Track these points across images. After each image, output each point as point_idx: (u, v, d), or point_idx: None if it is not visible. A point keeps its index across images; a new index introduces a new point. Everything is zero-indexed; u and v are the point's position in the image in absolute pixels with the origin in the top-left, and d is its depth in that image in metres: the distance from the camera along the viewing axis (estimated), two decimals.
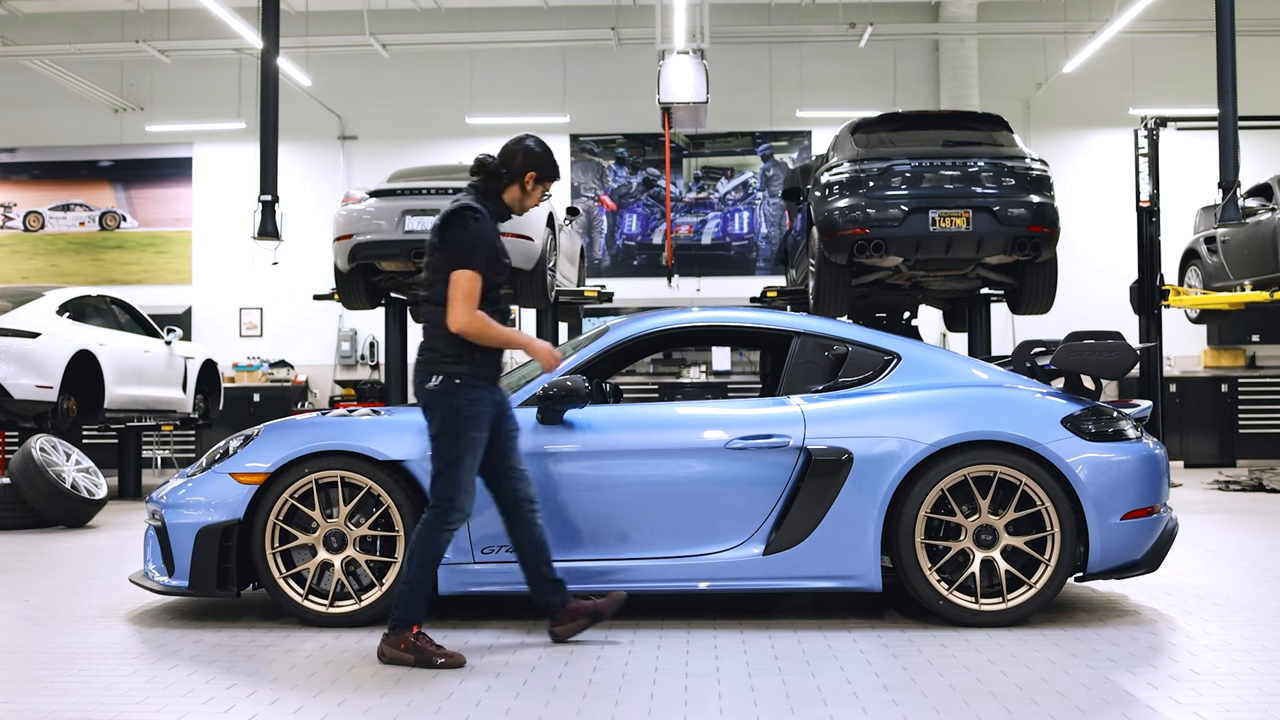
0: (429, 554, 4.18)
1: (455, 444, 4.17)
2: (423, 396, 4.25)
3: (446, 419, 4.18)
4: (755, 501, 4.72)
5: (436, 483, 4.20)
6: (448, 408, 4.18)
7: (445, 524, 4.18)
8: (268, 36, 11.35)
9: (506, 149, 4.43)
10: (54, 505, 8.76)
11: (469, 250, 4.19)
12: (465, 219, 4.22)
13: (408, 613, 4.16)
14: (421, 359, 4.28)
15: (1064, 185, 12.34)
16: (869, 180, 8.91)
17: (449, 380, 4.19)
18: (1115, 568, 4.77)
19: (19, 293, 10.47)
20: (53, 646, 4.53)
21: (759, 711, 3.53)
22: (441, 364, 4.21)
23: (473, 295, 4.16)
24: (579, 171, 18.15)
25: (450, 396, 4.18)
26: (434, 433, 4.22)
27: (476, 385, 4.22)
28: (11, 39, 16.85)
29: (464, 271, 4.16)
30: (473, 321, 4.16)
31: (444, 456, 4.18)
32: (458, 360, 4.20)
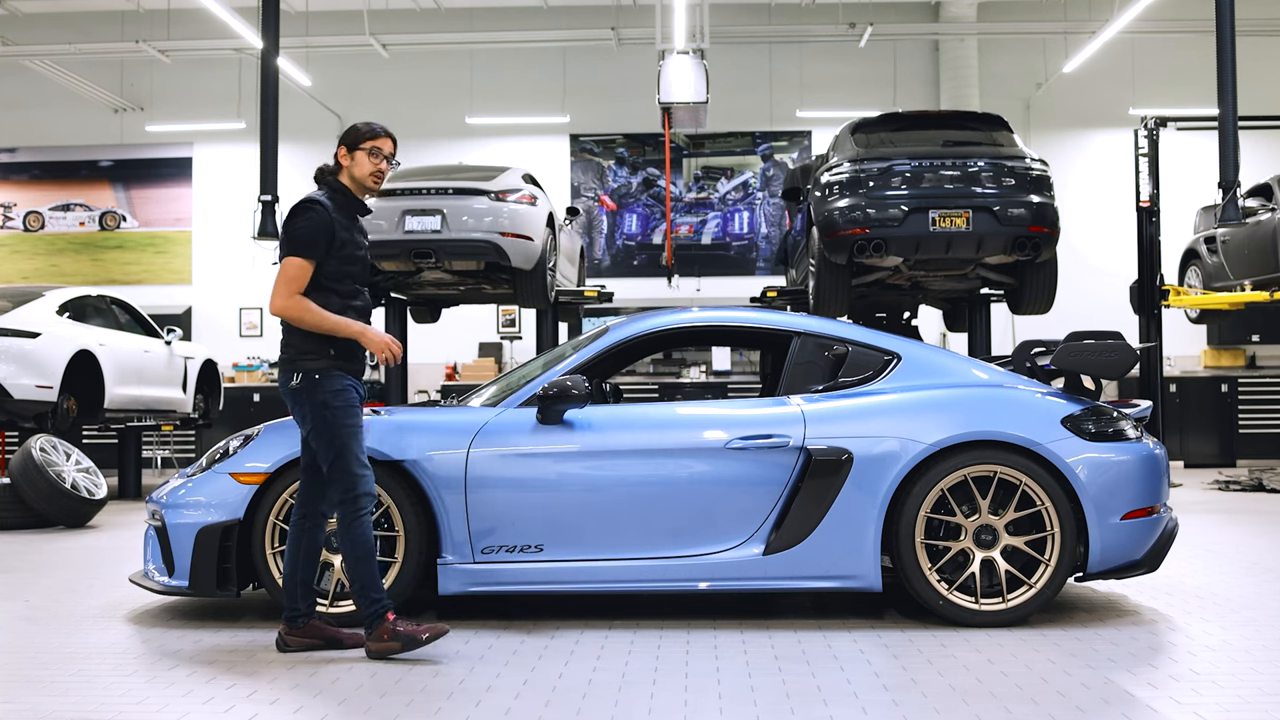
0: (358, 550, 4.20)
1: (335, 436, 4.20)
2: (288, 397, 4.28)
3: (318, 415, 4.21)
4: (755, 501, 4.72)
5: (333, 478, 4.22)
6: (315, 404, 4.22)
7: (358, 514, 4.20)
8: (268, 36, 11.35)
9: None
10: (54, 505, 8.76)
11: (296, 240, 4.24)
12: (300, 212, 4.28)
13: (373, 606, 4.19)
14: (281, 357, 4.33)
15: (1064, 185, 12.34)
16: (869, 180, 8.91)
17: (309, 376, 4.23)
18: (1115, 568, 4.77)
19: (19, 293, 10.46)
20: (53, 646, 4.53)
21: (759, 711, 3.53)
22: (300, 360, 4.25)
23: (295, 281, 4.21)
24: (579, 171, 18.16)
25: (314, 392, 4.22)
26: (309, 430, 4.24)
27: (337, 375, 4.25)
28: (11, 39, 16.85)
29: (290, 259, 4.24)
30: (289, 306, 4.21)
31: (328, 450, 4.21)
32: (315, 356, 4.24)
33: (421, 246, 9.76)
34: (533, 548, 4.75)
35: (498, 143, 17.70)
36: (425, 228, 9.74)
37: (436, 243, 9.74)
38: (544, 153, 17.80)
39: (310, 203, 4.30)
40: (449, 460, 4.76)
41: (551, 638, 4.57)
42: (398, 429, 4.86)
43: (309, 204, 4.30)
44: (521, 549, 4.76)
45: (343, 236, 4.33)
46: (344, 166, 4.42)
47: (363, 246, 4.47)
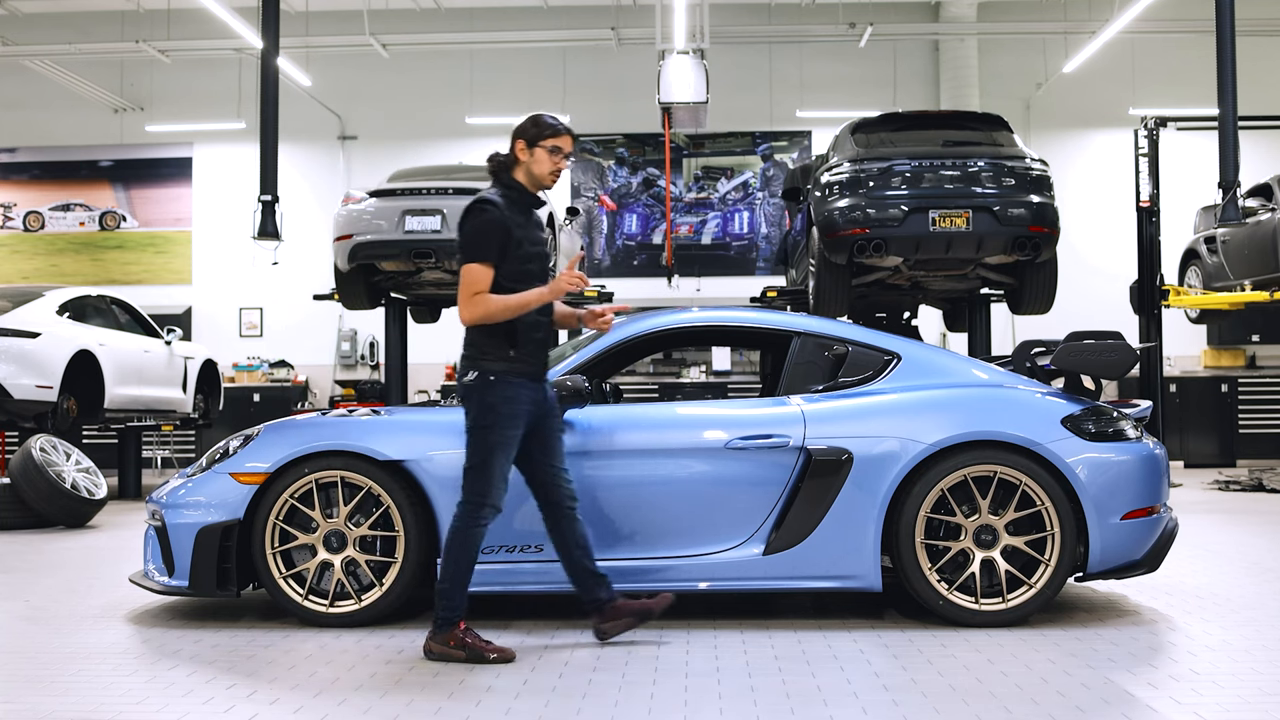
0: (462, 553, 4.17)
1: (488, 440, 4.17)
2: (459, 391, 4.27)
3: (481, 414, 4.19)
4: (755, 501, 4.72)
5: (468, 478, 4.19)
6: (483, 403, 4.19)
7: (477, 521, 4.17)
8: (268, 36, 11.35)
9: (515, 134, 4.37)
10: (54, 505, 8.76)
11: (475, 245, 4.19)
12: (477, 215, 4.21)
13: (450, 610, 4.17)
14: (463, 354, 4.32)
15: (1064, 185, 12.33)
16: (869, 180, 8.91)
17: (484, 376, 4.20)
18: (1115, 568, 4.77)
19: (19, 293, 10.46)
20: (53, 646, 4.53)
21: (759, 711, 3.53)
22: (480, 360, 4.23)
23: (475, 286, 4.17)
24: (579, 171, 18.16)
25: (485, 392, 4.18)
26: (468, 426, 4.22)
27: (513, 382, 4.21)
28: (11, 39, 16.85)
29: (468, 266, 4.20)
30: (475, 312, 4.17)
31: (477, 452, 4.18)
32: (495, 357, 4.21)
33: (421, 246, 9.76)
34: (532, 548, 4.75)
35: (498, 143, 17.48)
36: (425, 228, 9.74)
37: (436, 243, 9.74)
38: None
39: (483, 204, 4.22)
40: (449, 460, 4.76)
41: (551, 638, 4.57)
42: (398, 429, 4.86)
43: (482, 205, 4.22)
44: (521, 549, 4.76)
45: (518, 235, 4.26)
46: (522, 162, 4.32)
47: (539, 242, 4.40)
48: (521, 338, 4.25)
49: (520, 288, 4.24)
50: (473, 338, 4.27)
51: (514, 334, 4.23)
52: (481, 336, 4.23)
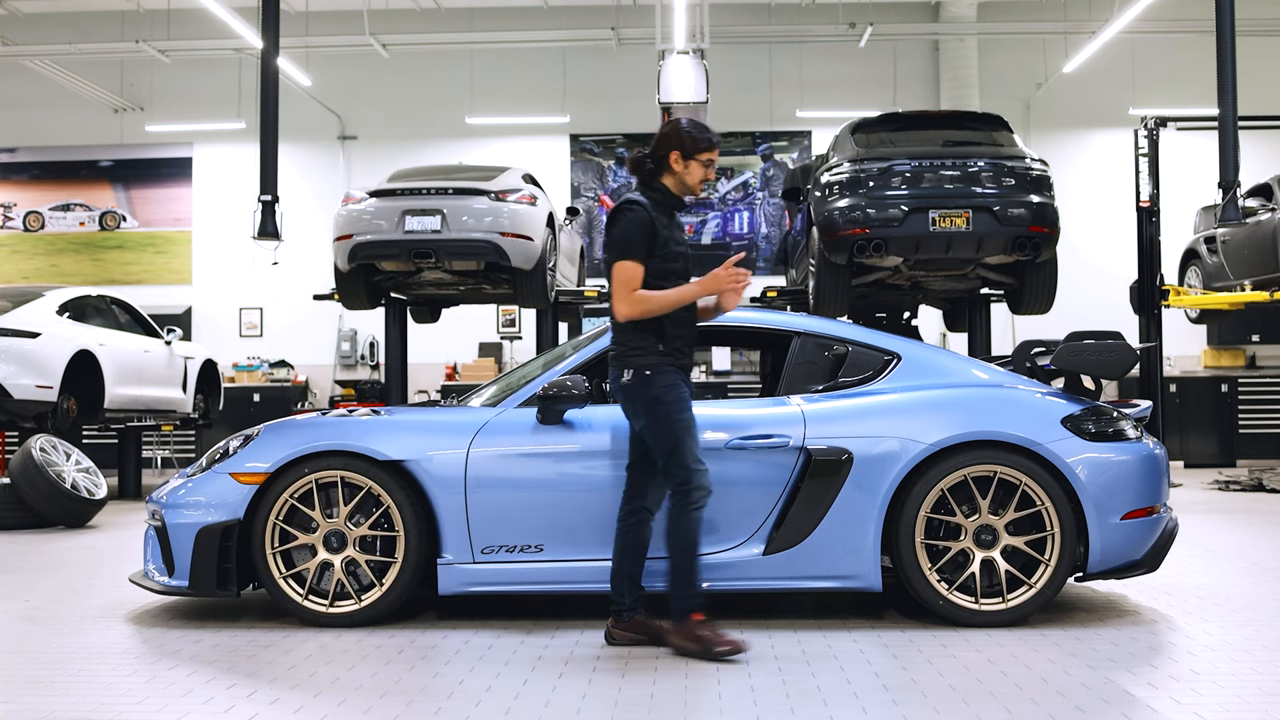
0: (684, 542, 4.20)
1: (671, 431, 4.20)
2: (619, 393, 4.29)
3: (651, 410, 4.22)
4: (755, 501, 4.72)
5: (668, 470, 4.22)
6: (647, 399, 4.22)
7: (691, 506, 4.19)
8: (268, 36, 11.35)
9: (656, 136, 4.41)
10: (54, 505, 8.76)
11: (624, 244, 4.23)
12: (625, 214, 4.27)
13: (684, 603, 4.20)
14: (613, 354, 4.33)
15: (1064, 185, 12.33)
16: (869, 180, 8.91)
17: (640, 373, 4.23)
18: (1115, 568, 4.77)
19: (19, 293, 10.46)
20: (53, 646, 4.53)
21: (759, 711, 3.53)
22: (630, 357, 4.25)
23: (631, 283, 4.21)
24: (579, 171, 18.16)
25: (646, 388, 4.22)
26: (643, 425, 4.25)
27: (666, 371, 4.25)
28: (11, 39, 16.85)
29: (621, 263, 4.22)
30: (632, 307, 4.21)
31: (663, 444, 4.21)
32: (646, 351, 4.24)
33: (421, 246, 9.76)
34: (533, 548, 4.75)
35: (498, 143, 17.70)
36: (425, 228, 9.74)
37: (436, 243, 9.74)
38: (544, 153, 17.80)
39: (631, 204, 4.28)
40: (449, 460, 4.76)
41: (551, 638, 4.57)
42: (398, 429, 4.86)
43: (629, 205, 4.28)
44: (521, 549, 4.76)
45: (664, 235, 4.32)
46: (676, 172, 4.36)
47: (682, 242, 4.46)
48: (670, 332, 4.29)
49: (665, 285, 4.29)
50: (621, 336, 4.29)
51: (662, 329, 4.27)
52: (631, 334, 4.26)
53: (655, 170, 4.39)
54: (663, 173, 4.38)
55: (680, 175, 4.37)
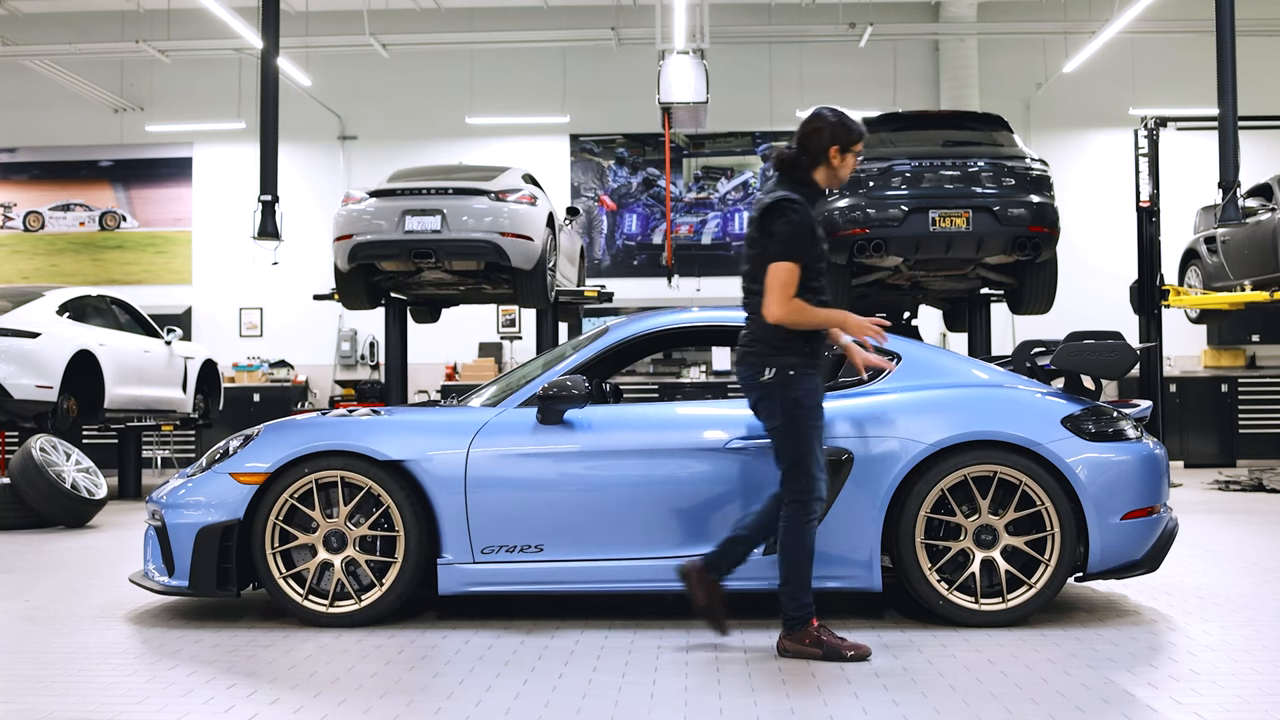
0: (799, 552, 4.15)
1: (802, 436, 4.14)
2: (756, 390, 4.22)
3: (789, 411, 4.15)
4: (755, 501, 4.71)
5: (790, 476, 4.16)
6: (786, 400, 4.15)
7: (808, 517, 4.16)
8: (268, 36, 11.35)
9: (804, 131, 4.29)
10: (54, 505, 8.76)
11: (789, 242, 4.14)
12: (788, 212, 4.16)
13: (801, 610, 4.17)
14: (750, 351, 4.24)
15: (1064, 185, 12.33)
16: (869, 180, 8.92)
17: (783, 372, 4.16)
18: (1115, 568, 4.77)
19: (19, 293, 10.46)
20: (53, 646, 4.53)
21: (759, 712, 3.53)
22: (773, 356, 4.18)
23: (790, 286, 4.12)
24: (579, 171, 18.16)
25: (787, 388, 4.15)
26: (775, 426, 4.18)
27: (810, 374, 4.20)
28: (11, 39, 16.85)
29: (782, 264, 4.13)
30: (788, 312, 4.12)
31: (792, 449, 4.15)
32: (790, 351, 4.18)
33: (421, 246, 9.76)
34: (533, 548, 4.75)
35: (498, 143, 17.70)
36: (425, 228, 9.74)
37: (436, 243, 9.74)
38: (544, 153, 17.80)
39: (792, 202, 4.17)
40: (449, 460, 4.76)
41: (551, 638, 4.57)
42: (398, 429, 4.86)
43: (791, 204, 4.17)
44: (521, 549, 4.76)
45: (817, 234, 4.25)
46: (832, 166, 4.27)
47: (824, 242, 4.38)
48: (817, 334, 4.25)
49: (813, 285, 4.21)
50: (763, 334, 4.21)
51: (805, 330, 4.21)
52: (775, 332, 4.18)
53: (810, 165, 4.28)
54: (816, 167, 4.28)
55: (836, 169, 4.29)
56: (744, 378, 4.27)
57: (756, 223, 4.23)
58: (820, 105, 4.38)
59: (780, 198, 4.19)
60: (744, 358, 4.27)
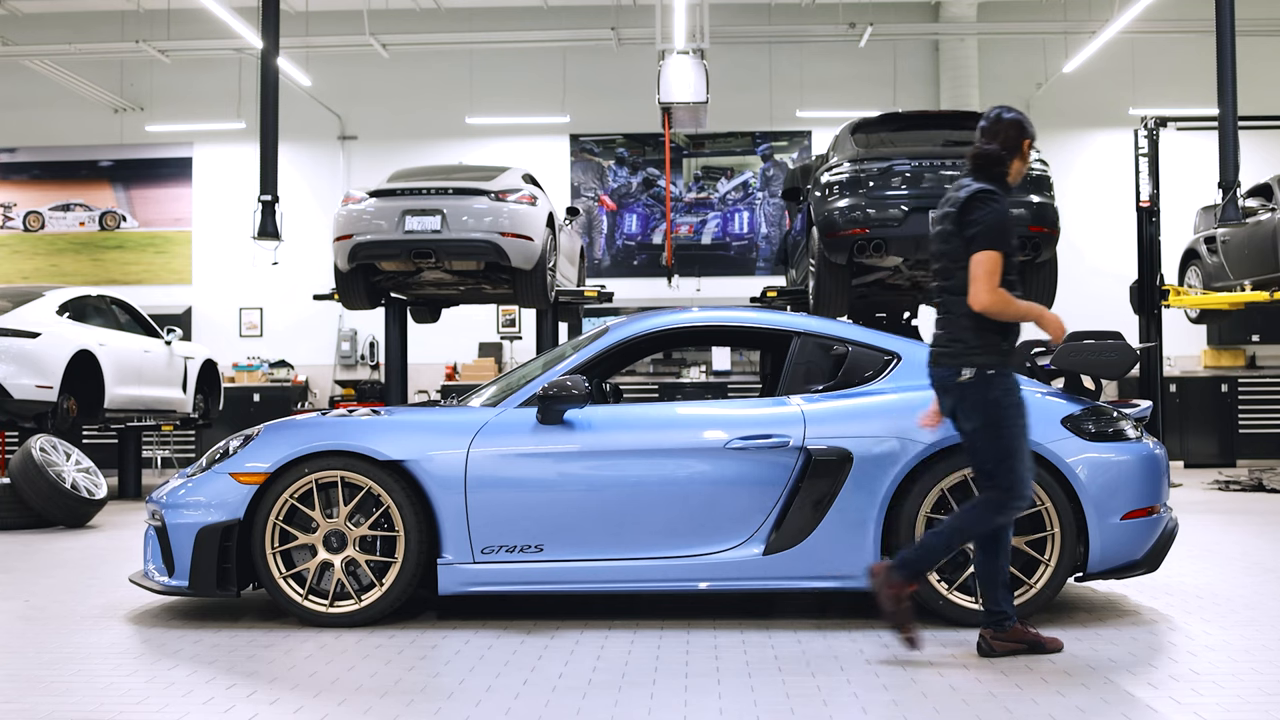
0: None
1: (1004, 435, 4.10)
2: (954, 392, 4.18)
3: (990, 412, 4.12)
4: (755, 501, 4.72)
5: (995, 474, 4.12)
6: (988, 400, 4.12)
7: (1005, 511, 4.13)
8: (268, 36, 11.35)
9: (997, 130, 4.29)
10: (54, 505, 8.76)
11: (992, 232, 4.12)
12: (989, 203, 4.15)
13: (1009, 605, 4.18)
14: (946, 351, 4.21)
15: (1064, 185, 12.33)
16: (869, 180, 8.91)
17: (981, 372, 4.13)
18: (1115, 568, 4.77)
19: (19, 293, 10.46)
20: (53, 646, 4.53)
21: (759, 712, 3.53)
22: (971, 355, 4.14)
23: (995, 275, 4.10)
24: (579, 171, 18.16)
25: (987, 388, 4.12)
26: (975, 427, 4.15)
27: (1010, 373, 4.18)
28: (11, 39, 16.85)
29: (988, 252, 4.10)
30: (995, 300, 4.09)
31: (996, 450, 4.11)
32: (988, 350, 4.15)
33: (421, 246, 9.75)
34: (533, 548, 4.75)
35: (498, 143, 17.70)
36: (425, 228, 9.74)
37: (436, 243, 9.74)
38: (544, 153, 17.80)
39: (993, 194, 4.17)
40: (449, 460, 4.76)
41: (551, 638, 4.57)
42: (398, 429, 4.86)
43: (992, 195, 4.17)
44: (521, 549, 4.76)
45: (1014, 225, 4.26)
46: (1025, 159, 4.30)
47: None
48: (1012, 330, 4.22)
49: (1011, 279, 4.20)
50: (960, 333, 4.17)
51: (1006, 326, 4.19)
52: (971, 330, 4.15)
53: (1008, 159, 4.28)
54: (1010, 162, 4.29)
55: (1024, 165, 4.32)
56: (940, 378, 4.23)
57: (954, 217, 4.19)
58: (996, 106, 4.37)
59: (979, 189, 4.19)
60: (939, 358, 4.24)
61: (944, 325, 4.26)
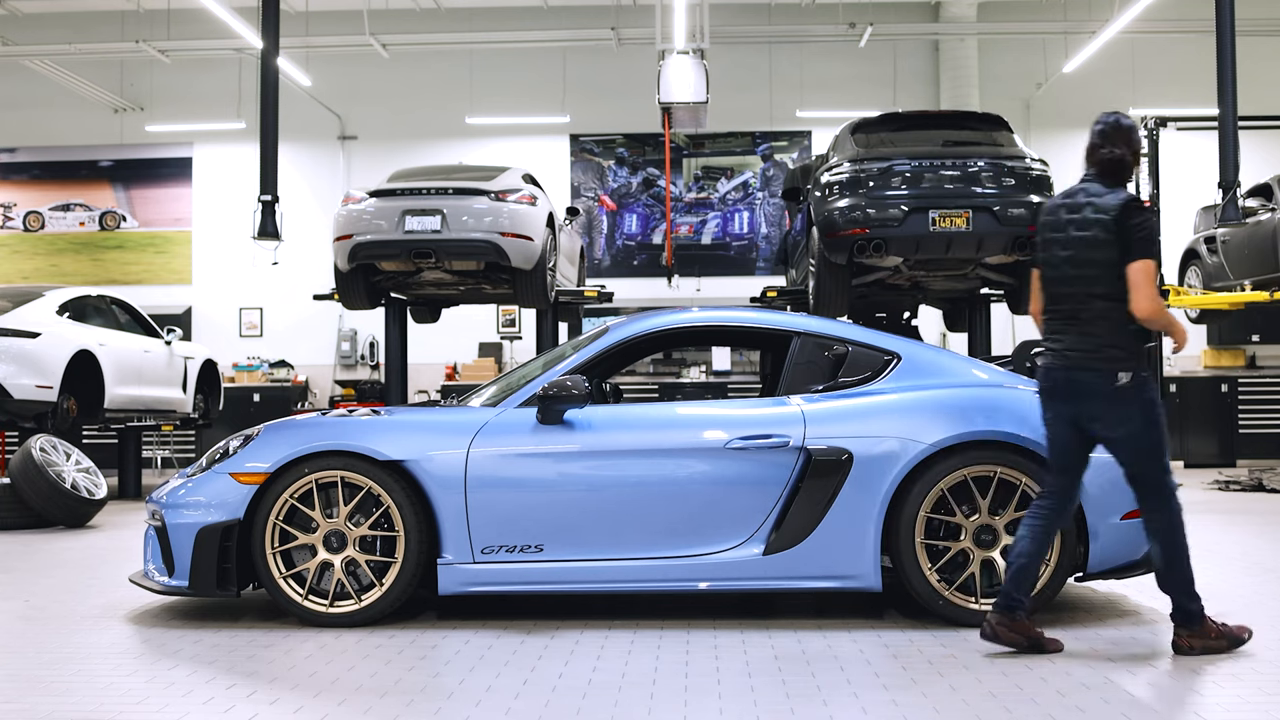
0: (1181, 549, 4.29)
1: (1157, 434, 4.21)
2: (1105, 396, 4.19)
3: (1149, 413, 4.21)
4: (755, 501, 4.72)
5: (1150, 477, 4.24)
6: (1146, 403, 4.21)
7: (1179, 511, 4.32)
8: (268, 36, 11.35)
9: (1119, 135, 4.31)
10: (54, 505, 8.76)
11: (1149, 241, 4.19)
12: (1144, 212, 4.22)
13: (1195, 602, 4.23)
14: (1100, 356, 4.21)
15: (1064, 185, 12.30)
16: (869, 180, 8.91)
17: (1139, 377, 4.21)
18: (1115, 568, 4.77)
19: (19, 293, 10.46)
20: (53, 646, 4.53)
21: (759, 712, 3.53)
22: (1128, 361, 4.20)
23: (1154, 282, 4.20)
24: (579, 171, 18.16)
25: (1144, 391, 4.21)
26: (1130, 430, 4.20)
27: (1152, 380, 4.29)
28: (11, 39, 16.85)
29: (1147, 261, 4.16)
30: (1157, 307, 4.17)
31: (1150, 449, 4.22)
32: (1139, 357, 4.24)
33: (421, 246, 9.75)
34: (533, 548, 4.75)
35: (498, 143, 17.70)
36: (425, 228, 9.74)
37: (436, 243, 9.74)
38: (544, 153, 17.80)
39: (1144, 203, 4.26)
40: (449, 460, 4.76)
41: (551, 638, 4.57)
42: (398, 429, 4.86)
43: (1142, 203, 4.25)
44: (521, 549, 4.76)
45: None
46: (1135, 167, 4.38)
47: None
48: (1153, 335, 4.32)
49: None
50: (1118, 338, 4.21)
51: (1149, 332, 4.26)
52: (1129, 337, 4.22)
53: (1134, 164, 4.37)
54: (1135, 166, 4.38)
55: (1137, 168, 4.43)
56: (1088, 385, 4.22)
57: (1108, 225, 4.18)
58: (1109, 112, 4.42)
59: (1130, 198, 4.24)
60: (1087, 363, 4.22)
61: (1089, 331, 4.24)
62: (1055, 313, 4.34)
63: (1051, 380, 4.30)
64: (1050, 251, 4.34)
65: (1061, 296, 4.31)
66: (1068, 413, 4.28)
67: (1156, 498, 4.26)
